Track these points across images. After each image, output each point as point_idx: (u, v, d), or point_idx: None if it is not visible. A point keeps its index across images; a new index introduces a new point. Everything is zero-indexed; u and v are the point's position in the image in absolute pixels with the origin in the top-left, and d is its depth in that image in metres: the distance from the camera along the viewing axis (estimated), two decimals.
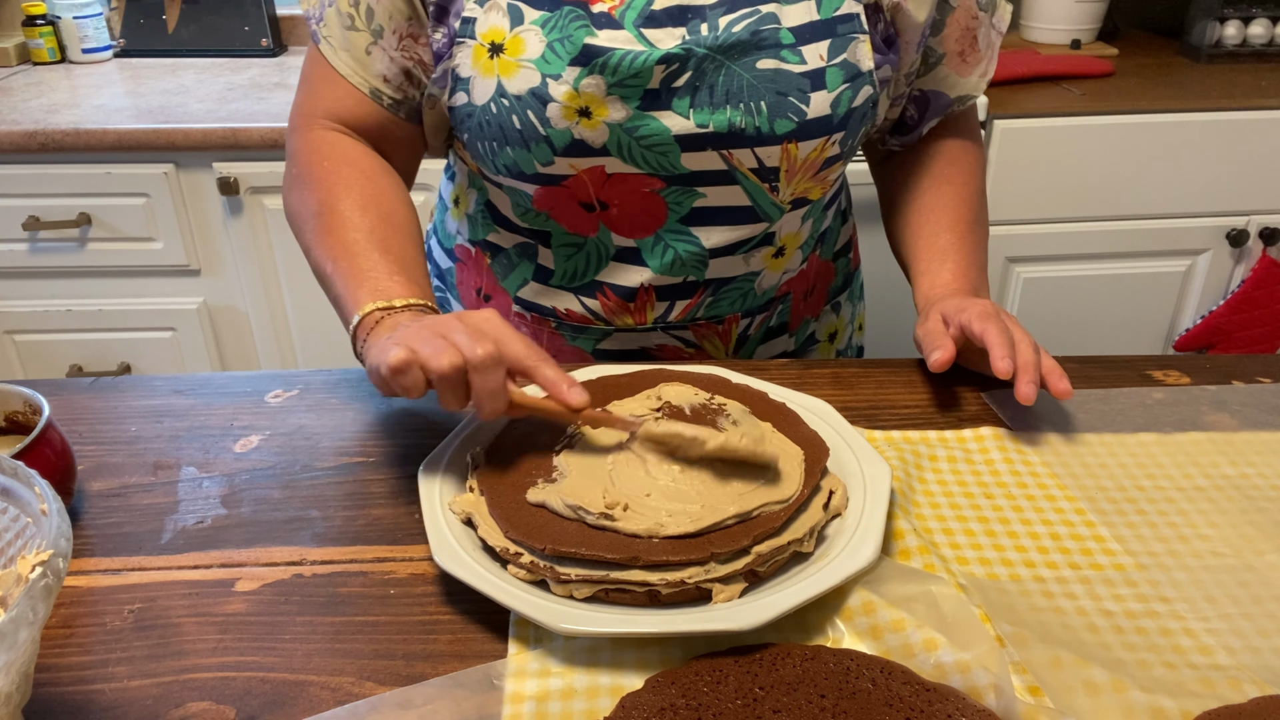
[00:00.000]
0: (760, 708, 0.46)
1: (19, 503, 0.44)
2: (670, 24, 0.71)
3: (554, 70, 0.70)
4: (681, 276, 0.81)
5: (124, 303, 1.76)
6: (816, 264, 0.92)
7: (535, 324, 0.88)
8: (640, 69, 0.70)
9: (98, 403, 0.76)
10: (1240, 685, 0.48)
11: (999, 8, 0.83)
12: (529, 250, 0.84)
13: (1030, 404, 0.67)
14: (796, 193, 0.79)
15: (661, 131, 0.72)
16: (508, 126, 0.73)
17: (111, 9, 2.00)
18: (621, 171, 0.75)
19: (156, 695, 0.50)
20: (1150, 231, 1.78)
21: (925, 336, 0.74)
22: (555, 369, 0.59)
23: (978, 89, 0.87)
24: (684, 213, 0.78)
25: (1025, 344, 0.69)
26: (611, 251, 0.81)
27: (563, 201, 0.78)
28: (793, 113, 0.73)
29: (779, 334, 0.91)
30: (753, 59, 0.71)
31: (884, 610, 0.52)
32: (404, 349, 0.57)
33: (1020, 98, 1.70)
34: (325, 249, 0.73)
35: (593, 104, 0.71)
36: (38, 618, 0.37)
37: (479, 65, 0.73)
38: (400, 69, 0.78)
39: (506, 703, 0.48)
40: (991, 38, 0.84)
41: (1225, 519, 0.62)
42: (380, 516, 0.63)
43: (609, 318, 0.84)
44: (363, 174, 0.77)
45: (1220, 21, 1.90)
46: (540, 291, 0.85)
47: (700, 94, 0.71)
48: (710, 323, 0.86)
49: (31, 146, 1.58)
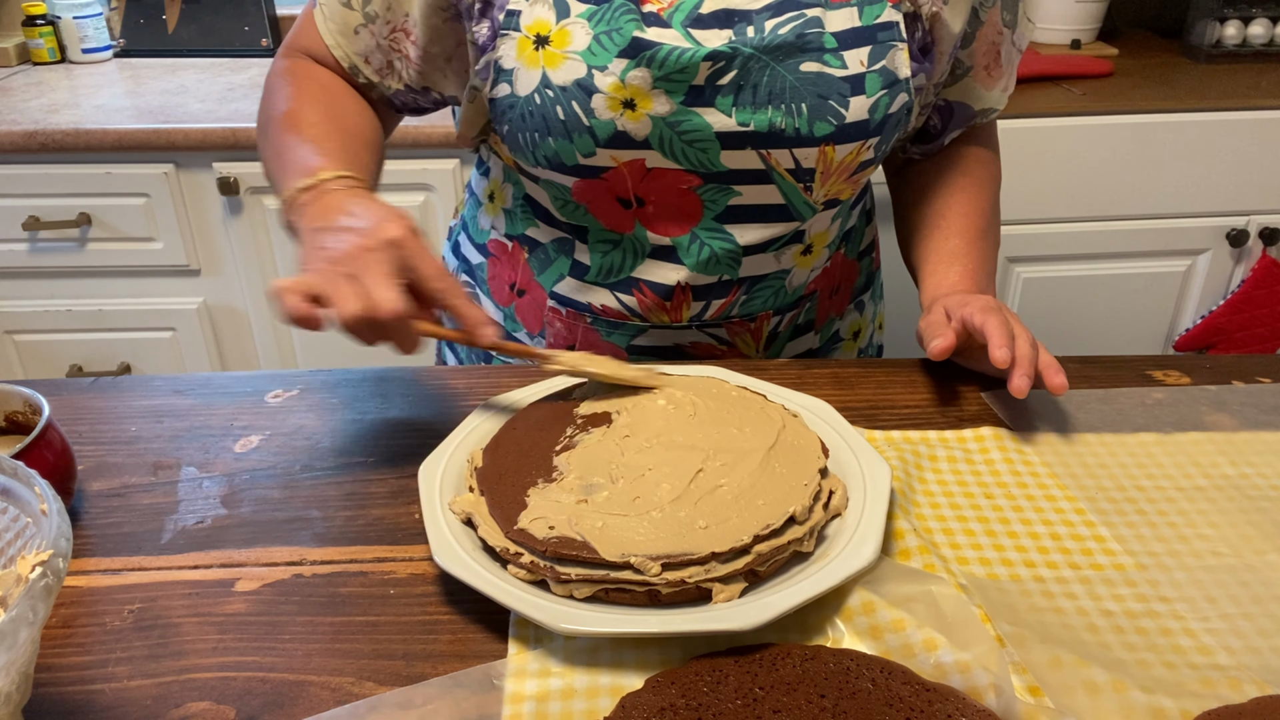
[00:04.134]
0: (760, 708, 0.46)
1: (19, 503, 0.44)
2: (717, 26, 0.72)
3: (600, 62, 0.71)
4: (717, 275, 0.82)
5: (124, 303, 1.76)
6: (842, 262, 0.93)
7: (570, 319, 0.88)
8: (687, 64, 0.70)
9: (98, 403, 0.76)
10: (1240, 685, 0.48)
11: (1020, 25, 0.85)
12: (566, 245, 0.85)
13: (1023, 397, 0.67)
14: (829, 194, 0.80)
15: (703, 128, 0.73)
16: (551, 117, 0.74)
17: (111, 9, 2.00)
18: (661, 166, 0.75)
19: (156, 695, 0.50)
20: (1150, 231, 1.78)
21: (927, 328, 0.74)
22: (467, 301, 0.63)
23: (1000, 103, 0.89)
24: (719, 210, 0.78)
25: (1024, 338, 0.70)
26: (648, 249, 0.81)
27: (600, 195, 0.79)
28: (832, 116, 0.73)
29: (805, 331, 0.92)
30: (796, 61, 0.72)
31: (884, 610, 0.52)
32: (301, 298, 0.59)
33: (1020, 98, 1.70)
34: (272, 146, 0.78)
35: (638, 96, 0.72)
36: (38, 618, 0.37)
37: (523, 57, 0.74)
38: (384, 57, 0.82)
39: (506, 703, 0.48)
40: (1012, 55, 0.86)
41: (1225, 519, 0.62)
42: (380, 516, 0.63)
43: (645, 315, 0.85)
44: (324, 89, 0.82)
45: (1220, 21, 1.90)
46: (577, 287, 0.86)
47: (744, 93, 0.72)
48: (744, 320, 0.87)
49: (31, 146, 1.58)
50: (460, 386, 0.78)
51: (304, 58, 0.85)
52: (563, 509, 0.55)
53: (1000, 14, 0.82)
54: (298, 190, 0.69)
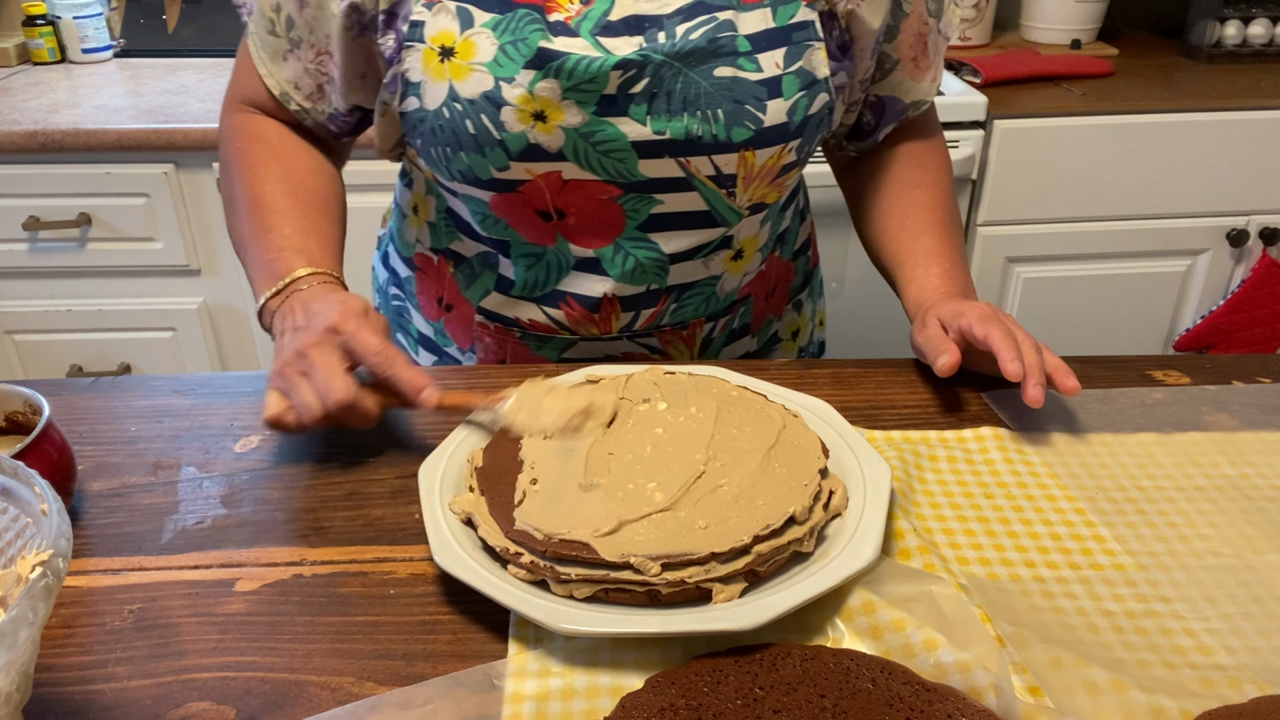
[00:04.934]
0: (760, 708, 0.46)
1: (19, 503, 0.44)
2: (627, 33, 0.71)
3: (507, 73, 0.69)
4: (644, 285, 0.81)
5: (124, 303, 1.76)
6: (777, 264, 0.91)
7: (499, 334, 0.87)
8: (596, 74, 0.69)
9: (98, 403, 0.76)
10: (1240, 685, 0.48)
11: (946, 12, 0.84)
12: (490, 259, 0.83)
13: (1039, 406, 0.66)
14: (754, 198, 0.79)
15: (618, 138, 0.72)
16: (461, 131, 0.72)
17: (111, 9, 2.00)
18: (578, 178, 0.74)
19: (156, 695, 0.50)
20: (1150, 231, 1.78)
21: (927, 343, 0.73)
22: (406, 368, 0.65)
23: (929, 94, 0.87)
24: (641, 219, 0.77)
25: (1028, 345, 0.69)
26: (571, 261, 0.80)
27: (519, 209, 0.77)
28: (750, 121, 0.72)
29: (741, 335, 0.91)
30: (710, 66, 0.71)
31: (884, 610, 0.52)
32: (273, 407, 0.64)
33: (1020, 98, 1.70)
34: (240, 234, 0.79)
35: (548, 108, 0.70)
36: (38, 618, 0.37)
37: (430, 69, 0.72)
38: (313, 81, 0.81)
39: (506, 703, 0.48)
40: (940, 44, 0.85)
41: (1225, 519, 0.62)
42: (380, 516, 0.63)
43: (574, 327, 0.84)
44: (274, 151, 0.81)
45: (1220, 21, 1.90)
46: (503, 302, 0.85)
47: (658, 101, 0.71)
48: (675, 329, 0.86)
49: (31, 146, 1.58)
50: (460, 387, 0.78)
51: (248, 110, 0.84)
52: None
53: (925, 4, 0.81)
54: (268, 298, 0.73)
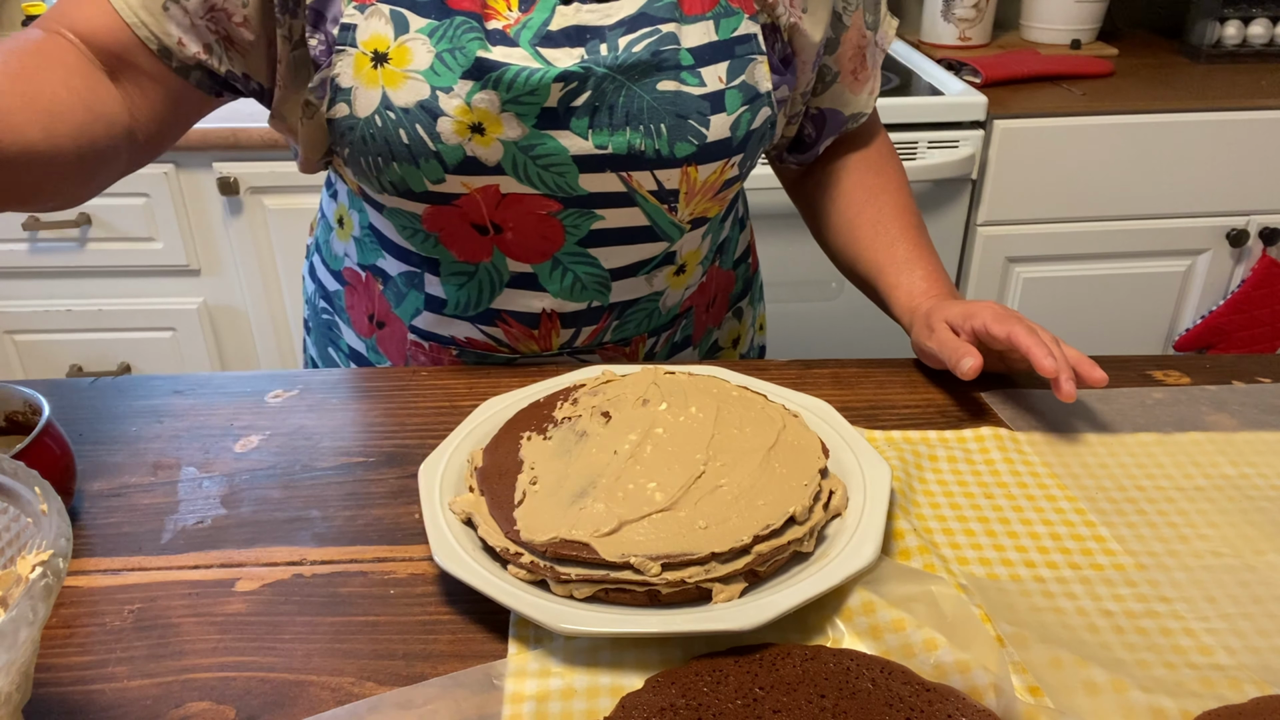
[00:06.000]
0: (760, 708, 0.46)
1: (19, 503, 0.44)
2: (568, 44, 0.69)
3: (444, 83, 0.67)
4: (585, 301, 0.79)
5: (124, 303, 1.76)
6: (717, 275, 0.91)
7: (434, 351, 0.85)
8: (537, 85, 0.67)
9: (98, 403, 0.76)
10: (1240, 685, 0.48)
11: (883, 24, 0.84)
12: (415, 279, 0.81)
13: (1073, 401, 0.66)
14: (695, 213, 0.78)
15: (559, 151, 0.70)
16: (394, 141, 0.69)
17: None
18: (516, 192, 0.72)
19: (156, 695, 0.50)
20: (1150, 231, 1.78)
21: (941, 347, 0.72)
22: None
23: (867, 106, 0.87)
24: (582, 235, 0.75)
25: (1050, 341, 0.69)
26: (506, 278, 0.78)
27: (454, 222, 0.74)
28: (693, 135, 0.71)
29: (683, 348, 0.90)
30: (653, 80, 0.69)
31: (884, 610, 0.52)
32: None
33: (1020, 98, 1.71)
34: None
35: (486, 120, 0.68)
36: (38, 618, 0.37)
37: (361, 75, 0.68)
38: (200, 40, 0.68)
39: (506, 703, 0.48)
40: (877, 56, 0.84)
41: (1225, 519, 0.62)
42: (380, 516, 0.63)
43: (513, 344, 0.82)
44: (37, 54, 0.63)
45: (1220, 21, 1.90)
46: (436, 321, 0.83)
47: (600, 114, 0.69)
48: (617, 345, 0.85)
49: None
50: (460, 387, 0.78)
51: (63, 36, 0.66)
52: None
53: (864, 16, 0.81)
54: None
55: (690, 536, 0.52)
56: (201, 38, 0.68)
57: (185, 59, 0.68)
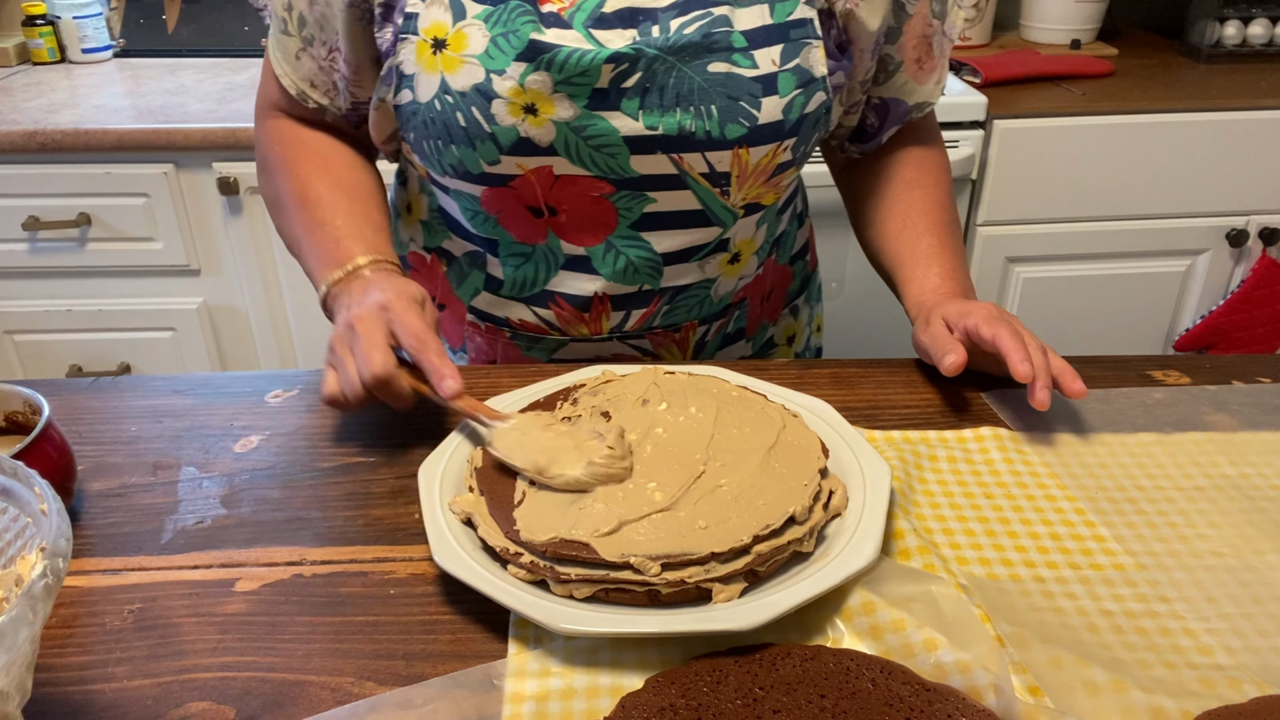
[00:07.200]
0: (760, 708, 0.46)
1: (19, 503, 0.44)
2: (620, 25, 0.70)
3: (498, 66, 0.69)
4: (636, 285, 0.80)
5: (124, 303, 1.76)
6: (773, 269, 0.91)
7: (490, 334, 0.87)
8: (588, 67, 0.68)
9: (98, 403, 0.76)
10: (1240, 685, 0.48)
11: (950, 14, 0.83)
12: (479, 259, 0.83)
13: (1046, 409, 0.66)
14: (749, 198, 0.78)
15: (610, 132, 0.71)
16: (452, 124, 0.72)
17: (111, 9, 2.00)
18: (570, 173, 0.74)
19: (156, 695, 0.50)
20: (1150, 231, 1.78)
21: (932, 342, 0.73)
22: (439, 356, 0.65)
23: (934, 96, 0.87)
24: (634, 218, 0.77)
25: (1034, 347, 0.69)
26: (561, 260, 0.80)
27: (510, 204, 0.77)
28: (744, 118, 0.72)
29: (736, 340, 0.91)
30: (704, 61, 0.70)
31: (884, 610, 0.52)
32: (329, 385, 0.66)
33: (1020, 98, 1.70)
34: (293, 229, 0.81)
35: (539, 101, 0.70)
36: (38, 618, 0.37)
37: (422, 61, 0.72)
38: (327, 78, 0.81)
39: (506, 703, 0.48)
40: (944, 45, 0.84)
41: (1225, 519, 0.62)
42: (380, 516, 0.63)
43: (564, 328, 0.84)
44: (310, 150, 0.83)
45: (1220, 21, 1.90)
46: (493, 302, 0.85)
47: (650, 95, 0.70)
48: (667, 331, 0.85)
49: (31, 146, 1.58)
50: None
51: (277, 115, 0.86)
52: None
53: (930, 5, 0.80)
54: (332, 284, 0.74)
55: (690, 536, 0.52)
56: (328, 78, 0.82)
57: (318, 101, 0.83)
